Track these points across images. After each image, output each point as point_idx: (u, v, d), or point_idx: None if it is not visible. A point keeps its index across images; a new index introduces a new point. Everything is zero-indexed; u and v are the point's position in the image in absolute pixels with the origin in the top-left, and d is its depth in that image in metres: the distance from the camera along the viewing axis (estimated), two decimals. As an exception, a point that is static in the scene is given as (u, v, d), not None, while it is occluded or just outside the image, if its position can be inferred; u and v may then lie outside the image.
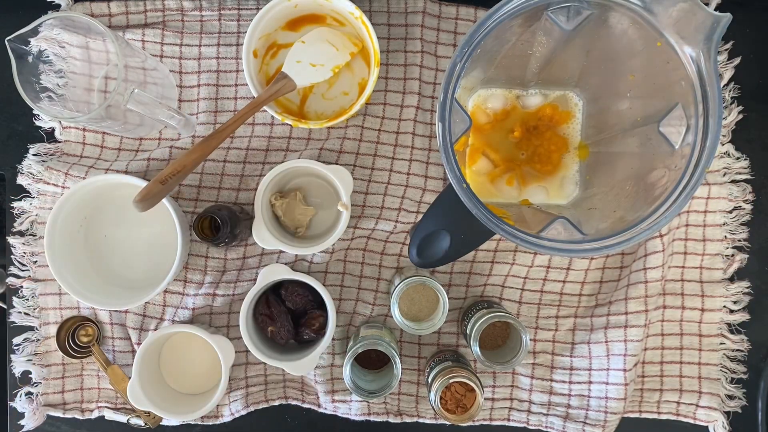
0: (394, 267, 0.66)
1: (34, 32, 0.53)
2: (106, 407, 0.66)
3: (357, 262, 0.66)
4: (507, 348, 0.65)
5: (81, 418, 0.66)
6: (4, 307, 0.67)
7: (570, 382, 0.66)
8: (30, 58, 0.55)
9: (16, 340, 0.66)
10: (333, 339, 0.65)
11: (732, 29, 0.45)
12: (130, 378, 0.62)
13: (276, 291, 0.65)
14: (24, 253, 0.65)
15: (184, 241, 0.60)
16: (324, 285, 0.62)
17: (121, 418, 0.66)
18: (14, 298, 0.66)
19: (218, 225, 0.58)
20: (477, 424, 0.67)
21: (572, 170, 0.65)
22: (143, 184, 0.55)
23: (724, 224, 0.65)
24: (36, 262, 0.66)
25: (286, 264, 0.64)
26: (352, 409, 0.66)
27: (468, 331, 0.61)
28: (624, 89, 0.56)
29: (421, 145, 0.65)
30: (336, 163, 0.64)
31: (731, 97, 0.65)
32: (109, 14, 0.65)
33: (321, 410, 0.67)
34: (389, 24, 0.64)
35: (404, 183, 0.64)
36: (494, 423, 0.67)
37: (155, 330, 0.65)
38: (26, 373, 0.66)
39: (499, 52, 0.55)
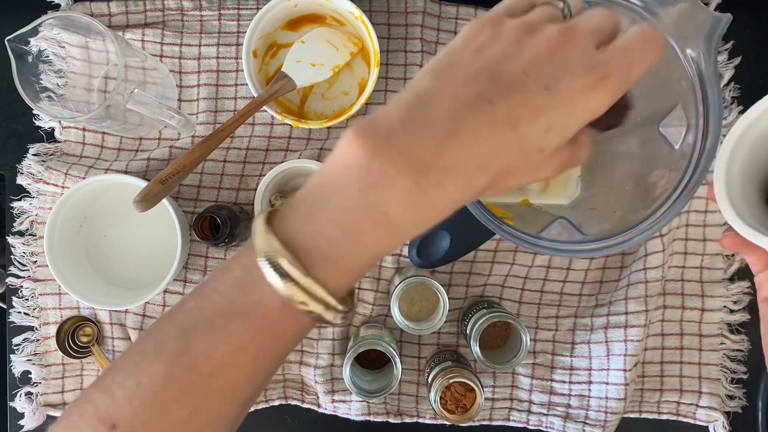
0: (394, 267, 0.66)
1: (34, 32, 0.53)
2: (106, 407, 0.66)
3: (357, 262, 0.66)
4: (507, 348, 0.65)
5: (81, 418, 0.66)
6: (4, 307, 0.67)
7: (570, 382, 0.66)
8: (30, 58, 0.55)
9: (16, 340, 0.66)
10: (333, 339, 0.65)
11: (732, 29, 0.45)
12: (130, 378, 0.61)
13: None
14: (24, 253, 0.65)
15: (184, 241, 0.60)
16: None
17: (121, 418, 0.66)
18: (14, 298, 0.66)
19: (218, 225, 0.58)
20: (477, 424, 0.67)
21: (573, 170, 0.65)
22: (143, 184, 0.55)
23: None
24: (36, 262, 0.66)
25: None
26: (352, 409, 0.66)
27: (468, 331, 0.61)
28: (624, 89, 0.56)
29: (421, 145, 0.65)
30: (336, 163, 0.64)
31: (731, 97, 0.65)
32: (109, 14, 0.65)
33: (321, 410, 0.67)
34: (389, 24, 0.64)
35: (404, 183, 0.64)
36: (494, 423, 0.67)
37: (155, 330, 0.65)
38: (26, 373, 0.66)
39: (499, 52, 0.55)
